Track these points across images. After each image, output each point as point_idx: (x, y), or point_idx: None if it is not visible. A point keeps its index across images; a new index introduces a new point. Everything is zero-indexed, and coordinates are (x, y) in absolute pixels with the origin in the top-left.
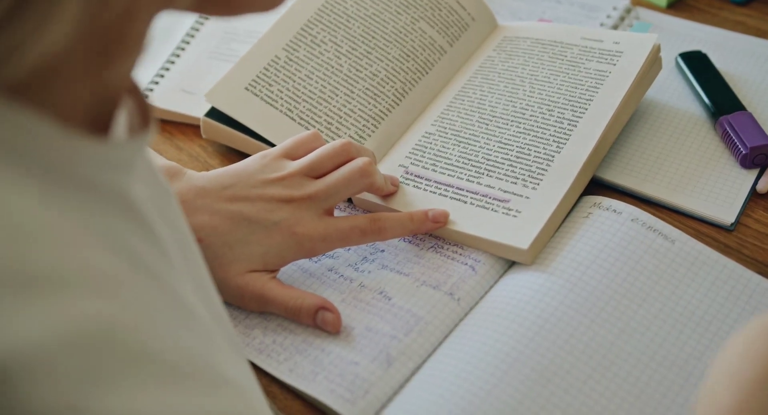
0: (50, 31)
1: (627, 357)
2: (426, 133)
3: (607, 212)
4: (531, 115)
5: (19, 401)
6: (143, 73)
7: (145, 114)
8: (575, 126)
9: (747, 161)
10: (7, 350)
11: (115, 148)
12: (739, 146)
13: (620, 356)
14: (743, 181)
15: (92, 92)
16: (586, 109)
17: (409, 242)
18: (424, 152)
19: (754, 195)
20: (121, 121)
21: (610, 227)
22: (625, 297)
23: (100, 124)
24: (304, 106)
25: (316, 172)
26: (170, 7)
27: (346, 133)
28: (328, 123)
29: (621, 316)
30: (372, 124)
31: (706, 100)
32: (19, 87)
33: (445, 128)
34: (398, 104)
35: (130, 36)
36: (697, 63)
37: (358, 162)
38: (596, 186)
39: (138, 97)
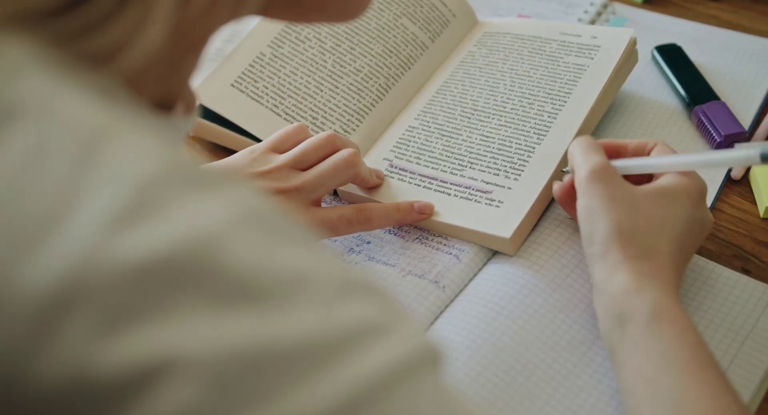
0: (148, 31)
1: (607, 355)
2: (410, 127)
3: None
4: (512, 109)
5: None
6: None
7: (191, 103)
8: (555, 118)
9: (722, 149)
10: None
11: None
12: (714, 135)
13: (600, 353)
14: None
15: (164, 89)
16: (566, 102)
17: (395, 234)
18: (408, 146)
19: (728, 181)
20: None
21: None
22: None
23: (161, 112)
24: (289, 102)
25: (302, 165)
26: (240, 12)
27: (331, 128)
28: (314, 118)
29: None
30: (356, 119)
31: (682, 91)
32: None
33: (428, 122)
34: (382, 99)
35: (203, 37)
36: (673, 56)
37: (344, 153)
38: None
39: (189, 89)
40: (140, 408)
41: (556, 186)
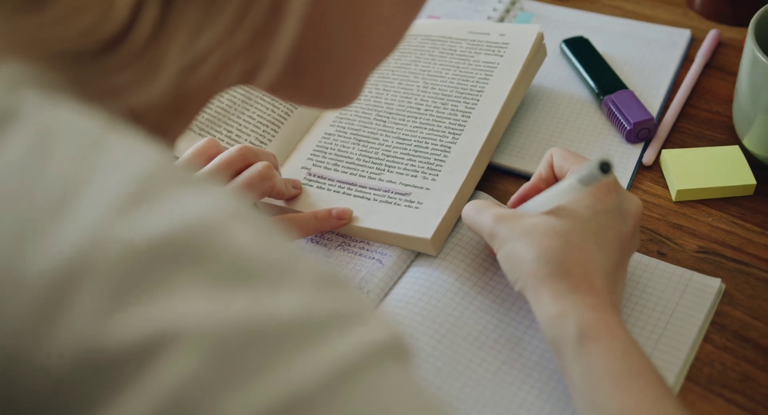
0: (153, 83)
1: (534, 349)
2: (326, 134)
3: None
4: (426, 110)
5: None
6: None
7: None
8: (468, 117)
9: (632, 136)
10: None
11: None
12: (624, 123)
13: (528, 348)
14: (630, 155)
15: (158, 131)
16: (478, 101)
17: (317, 242)
18: (326, 153)
19: (641, 168)
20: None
21: None
22: None
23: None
24: (203, 117)
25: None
26: (245, 82)
27: (246, 140)
28: (228, 132)
29: (527, 313)
30: (272, 129)
31: (591, 81)
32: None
33: (344, 128)
34: (296, 108)
35: (206, 96)
36: (580, 48)
37: (257, 166)
38: (492, 171)
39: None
40: (145, 379)
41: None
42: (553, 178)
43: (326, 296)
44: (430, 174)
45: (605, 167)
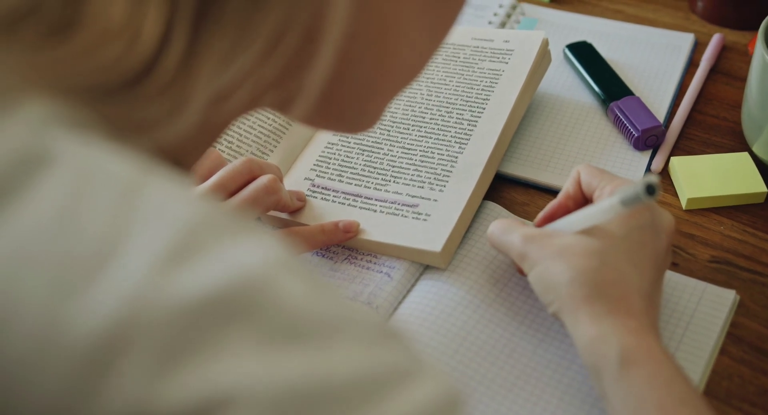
0: (180, 118)
1: (548, 363)
2: (328, 143)
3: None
4: (431, 119)
5: None
6: None
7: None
8: (475, 126)
9: (640, 143)
10: None
11: None
12: (631, 130)
13: (541, 363)
14: (638, 162)
15: (179, 158)
16: (484, 109)
17: (323, 255)
18: (329, 163)
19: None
20: None
21: None
22: (542, 309)
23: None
24: None
25: (221, 195)
26: (286, 112)
27: (247, 151)
28: (229, 142)
29: (539, 327)
30: (273, 140)
31: (596, 88)
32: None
33: (347, 138)
34: None
35: (226, 123)
36: (584, 53)
37: (263, 180)
38: (498, 180)
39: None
40: None
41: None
42: (580, 196)
43: (380, 352)
44: (437, 185)
45: (651, 190)
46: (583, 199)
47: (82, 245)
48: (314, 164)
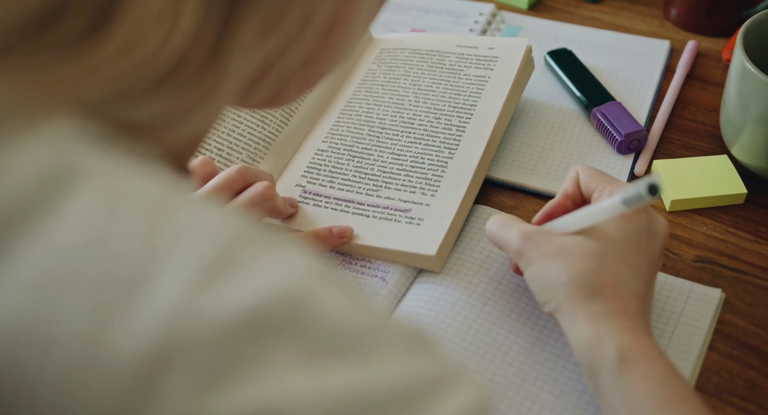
0: (214, 103)
1: (544, 362)
2: (318, 150)
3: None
4: (420, 125)
5: None
6: None
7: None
8: (463, 131)
9: (623, 147)
10: None
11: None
12: (614, 134)
13: (538, 360)
14: (622, 166)
15: (181, 158)
16: (472, 115)
17: None
18: (320, 170)
19: (633, 178)
20: None
21: None
22: (537, 308)
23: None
24: None
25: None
26: (243, 105)
27: (238, 158)
28: (219, 149)
29: (535, 325)
30: (263, 147)
31: (578, 93)
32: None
33: (337, 144)
34: (287, 124)
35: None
36: (565, 60)
37: (258, 187)
38: (486, 184)
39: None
40: None
41: (513, 267)
42: (579, 196)
43: (417, 361)
44: (429, 190)
45: (654, 190)
46: (581, 200)
47: (119, 264)
48: (305, 171)
